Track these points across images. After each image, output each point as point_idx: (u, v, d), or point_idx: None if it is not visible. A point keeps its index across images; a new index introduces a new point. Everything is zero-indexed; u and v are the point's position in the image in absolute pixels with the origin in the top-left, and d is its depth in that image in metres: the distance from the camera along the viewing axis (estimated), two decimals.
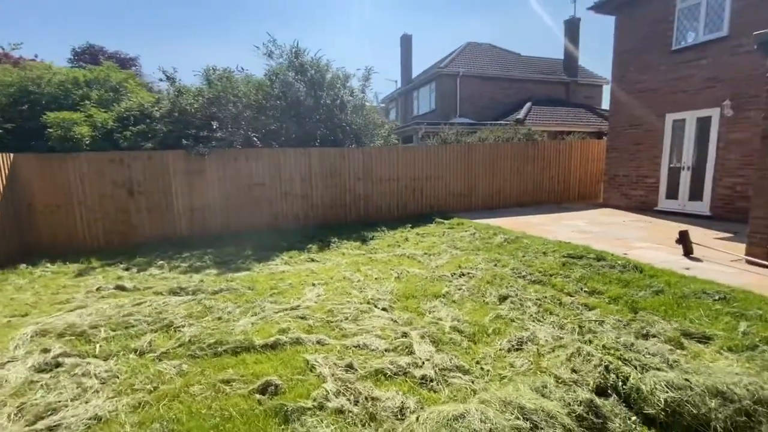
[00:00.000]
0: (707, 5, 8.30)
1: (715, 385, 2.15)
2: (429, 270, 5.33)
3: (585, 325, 3.30)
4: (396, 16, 65.58)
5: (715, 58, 8.21)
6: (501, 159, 11.09)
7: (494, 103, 18.20)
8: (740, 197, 7.94)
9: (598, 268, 4.83)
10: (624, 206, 10.49)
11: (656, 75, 9.43)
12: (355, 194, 9.61)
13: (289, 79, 8.88)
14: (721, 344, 2.95)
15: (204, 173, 8.16)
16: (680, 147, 9.04)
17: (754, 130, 7.63)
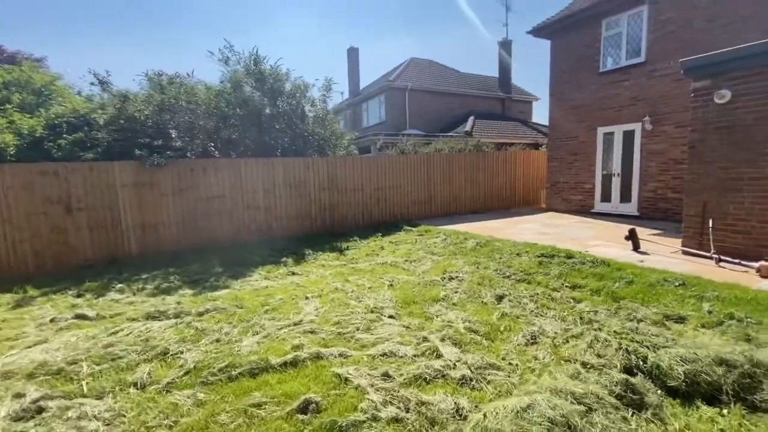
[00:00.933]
0: (627, 35, 9.68)
1: (718, 355, 2.51)
2: (417, 276, 5.42)
3: (584, 316, 3.62)
4: (333, 29, 66.14)
5: (635, 80, 9.56)
6: (456, 169, 11.67)
7: (441, 116, 19.13)
8: (661, 199, 9.27)
9: (572, 265, 5.31)
10: (565, 210, 11.62)
11: (588, 93, 10.69)
12: (320, 204, 9.43)
13: (249, 86, 8.53)
14: (695, 323, 3.43)
15: (157, 186, 7.45)
16: (611, 156, 10.31)
17: (670, 142, 9.01)
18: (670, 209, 9.08)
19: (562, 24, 10.99)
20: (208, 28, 66.36)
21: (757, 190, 5.06)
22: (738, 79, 5.14)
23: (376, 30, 61.42)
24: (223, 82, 8.78)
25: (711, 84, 5.42)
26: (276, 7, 57.41)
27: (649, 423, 2.18)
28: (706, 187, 5.58)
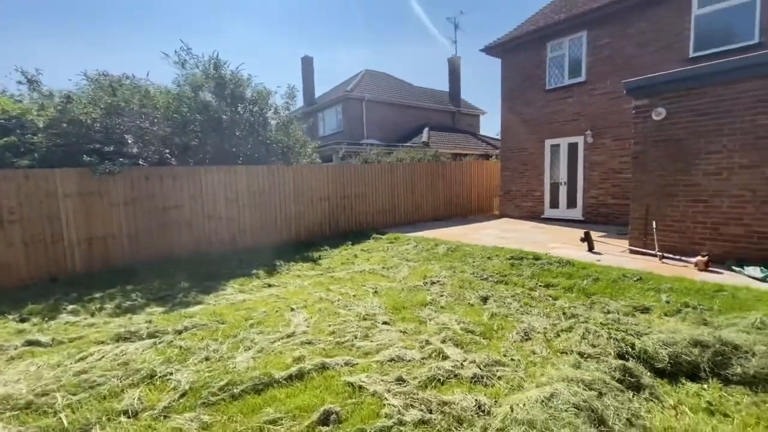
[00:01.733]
0: (569, 57, 10.71)
1: (692, 337, 2.86)
2: (398, 282, 5.48)
3: (567, 311, 3.91)
4: (281, 39, 65.03)
5: (577, 98, 10.58)
6: (418, 178, 12.00)
7: (397, 127, 19.57)
8: (602, 204, 10.27)
9: (541, 266, 5.70)
10: (517, 216, 12.41)
11: (536, 108, 11.61)
12: (286, 214, 9.16)
13: (209, 91, 8.13)
14: (659, 312, 3.86)
15: (106, 195, 6.77)
16: (558, 166, 11.25)
17: (609, 153, 10.05)
18: (610, 214, 10.09)
19: (512, 44, 11.87)
20: (152, 30, 61.96)
21: (691, 195, 5.84)
22: (671, 98, 5.93)
23: (326, 40, 61.54)
24: (181, 85, 8.26)
25: (649, 103, 6.18)
26: (222, 16, 55.31)
27: (648, 401, 2.42)
28: (648, 193, 6.32)
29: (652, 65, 8.98)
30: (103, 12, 56.37)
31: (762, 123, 5.12)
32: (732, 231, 5.48)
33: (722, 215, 5.56)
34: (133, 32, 59.32)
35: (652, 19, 8.99)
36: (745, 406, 2.35)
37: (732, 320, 3.36)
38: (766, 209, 5.15)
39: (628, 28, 9.41)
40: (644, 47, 9.17)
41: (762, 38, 7.40)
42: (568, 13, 10.43)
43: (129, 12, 52.86)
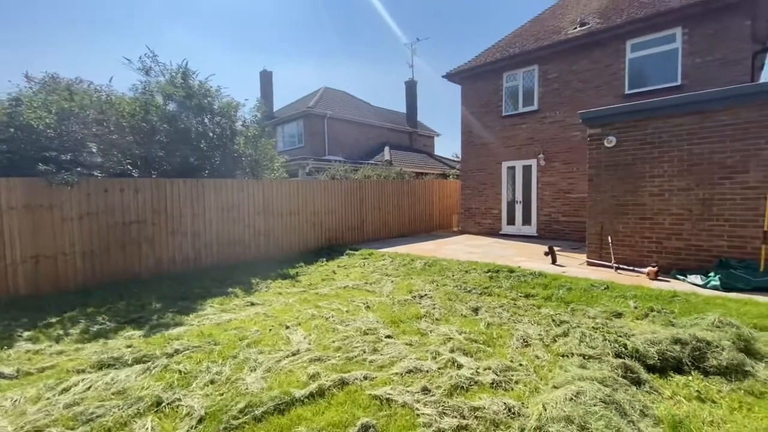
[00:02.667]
0: (523, 88, 11.75)
1: (673, 336, 3.27)
2: (386, 297, 5.53)
3: (555, 318, 4.24)
4: (235, 52, 63.35)
5: (530, 125, 11.59)
6: (385, 195, 12.23)
7: (358, 144, 19.84)
8: (554, 221, 11.21)
9: (517, 278, 6.10)
10: (477, 232, 13.07)
11: (493, 132, 12.50)
12: (255, 230, 8.84)
13: (176, 101, 7.74)
14: (631, 316, 4.33)
15: (58, 208, 6.09)
16: (514, 186, 12.12)
17: (559, 175, 11.06)
18: (561, 230, 11.04)
19: (471, 73, 12.77)
20: (98, 42, 56.95)
21: (638, 213, 6.64)
22: (620, 129, 6.78)
23: (279, 55, 61.00)
24: (145, 93, 7.77)
25: (601, 132, 7.00)
26: (165, 27, 52.68)
27: (650, 394, 2.72)
28: (602, 211, 7.07)
29: (595, 99, 10.19)
30: (36, 13, 51.08)
31: (694, 152, 6.04)
32: (674, 244, 6.31)
33: (665, 231, 6.39)
34: (71, 37, 54.30)
35: (593, 59, 10.23)
36: (727, 393, 2.74)
37: (694, 321, 3.88)
38: (701, 225, 6.02)
39: (573, 65, 10.60)
40: (587, 83, 10.37)
41: (683, 81, 8.75)
42: (522, 49, 11.51)
43: (64, 15, 48.28)
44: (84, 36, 47.53)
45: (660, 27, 9.04)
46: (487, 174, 12.78)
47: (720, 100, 5.82)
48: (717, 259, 5.87)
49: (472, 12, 49.74)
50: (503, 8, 50.68)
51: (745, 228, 5.67)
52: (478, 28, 52.27)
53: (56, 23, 48.03)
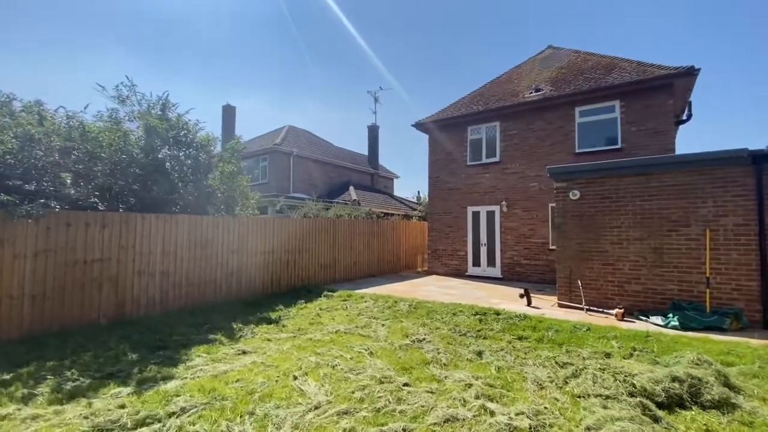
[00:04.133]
0: (486, 141, 12.85)
1: (671, 374, 3.64)
2: (384, 342, 5.47)
3: (558, 360, 4.49)
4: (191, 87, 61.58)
5: (493, 174, 12.58)
6: (357, 234, 12.29)
7: (322, 183, 19.88)
8: (517, 264, 11.95)
9: (505, 320, 6.37)
10: (444, 273, 13.46)
11: (459, 179, 13.34)
12: (227, 269, 8.35)
13: (155, 132, 7.38)
14: (618, 356, 4.72)
15: (9, 244, 5.34)
16: (479, 230, 12.84)
17: (520, 221, 11.96)
18: (524, 272, 11.78)
19: (438, 124, 13.75)
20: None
21: (602, 259, 7.40)
22: (583, 184, 7.67)
23: (234, 89, 60.43)
24: (116, 122, 7.32)
25: (567, 185, 7.86)
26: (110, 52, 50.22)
27: (669, 430, 2.99)
28: (570, 257, 7.76)
29: (550, 154, 11.44)
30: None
31: (645, 207, 7.00)
32: (633, 288, 7.07)
33: (625, 276, 7.15)
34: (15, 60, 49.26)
35: (547, 120, 11.60)
36: (726, 424, 3.09)
37: (675, 360, 4.34)
38: (655, 271, 6.86)
39: (531, 124, 11.91)
40: (543, 140, 11.66)
41: (623, 144, 10.21)
42: (485, 107, 12.74)
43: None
44: (24, 56, 43.41)
45: (602, 99, 10.61)
46: (453, 217, 13.44)
47: (662, 165, 6.91)
48: (670, 301, 6.66)
49: (430, 67, 54.11)
50: (454, 67, 55.70)
51: (691, 274, 6.57)
52: (431, 83, 56.70)
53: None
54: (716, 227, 6.40)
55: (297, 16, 42.58)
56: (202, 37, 47.09)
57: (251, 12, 43.55)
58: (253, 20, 46.65)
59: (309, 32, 46.51)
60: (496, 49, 49.00)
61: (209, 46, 50.53)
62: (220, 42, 49.17)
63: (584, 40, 49.10)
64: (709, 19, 39.91)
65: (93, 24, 39.67)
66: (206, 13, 43.58)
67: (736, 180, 6.29)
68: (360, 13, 40.79)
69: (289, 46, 50.39)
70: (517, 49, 46.04)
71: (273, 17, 46.31)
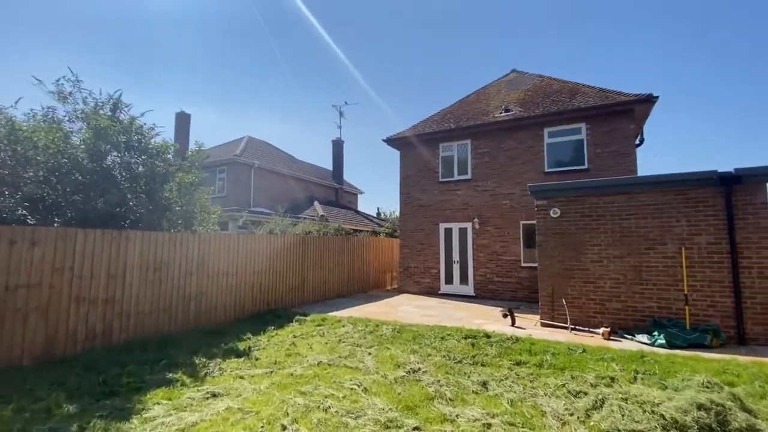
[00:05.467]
0: (458, 158, 12.89)
1: (695, 402, 3.46)
2: (376, 374, 4.91)
3: (571, 389, 4.20)
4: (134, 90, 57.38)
5: (465, 191, 12.59)
6: (326, 252, 11.61)
7: (284, 197, 18.92)
8: (490, 282, 11.88)
9: (498, 344, 6.06)
10: (416, 291, 13.10)
11: (431, 196, 13.21)
12: (185, 293, 7.34)
13: (103, 136, 6.39)
14: (623, 380, 4.54)
15: None
16: (451, 247, 12.70)
17: (492, 239, 11.97)
18: (496, 290, 11.73)
19: (410, 140, 13.62)
20: None
21: (583, 277, 7.41)
22: (563, 202, 7.73)
23: (185, 96, 57.33)
24: (54, 121, 6.26)
25: (547, 203, 7.88)
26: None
27: None
28: (551, 275, 7.71)
29: (521, 173, 11.65)
30: None
31: (624, 225, 7.14)
32: (614, 306, 7.12)
33: (606, 293, 7.20)
34: None
35: (517, 139, 11.87)
36: None
37: (682, 382, 4.23)
38: (635, 289, 6.95)
39: (501, 143, 12.12)
40: (514, 159, 11.88)
41: (589, 165, 10.62)
42: (457, 124, 12.82)
43: None
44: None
45: (569, 121, 11.05)
46: (425, 234, 13.21)
47: (639, 185, 7.13)
48: (650, 318, 6.76)
49: (395, 84, 54.99)
50: (414, 85, 57.15)
51: (669, 291, 6.72)
52: (392, 100, 57.65)
53: None
54: (691, 245, 6.63)
55: (251, 23, 41.67)
56: (143, 38, 44.32)
57: (199, 15, 41.91)
58: (203, 24, 44.96)
59: (266, 41, 45.57)
60: (457, 72, 51.05)
61: (158, 51, 47.72)
62: (168, 46, 46.69)
63: (544, 66, 52.72)
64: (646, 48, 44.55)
65: (38, 24, 35.87)
66: (154, 15, 41.25)
67: (707, 200, 6.59)
68: (329, 24, 40.76)
69: (246, 54, 48.97)
70: (477, 72, 48.33)
71: (226, 23, 44.95)
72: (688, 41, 37.81)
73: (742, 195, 6.35)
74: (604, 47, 42.54)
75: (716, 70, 41.17)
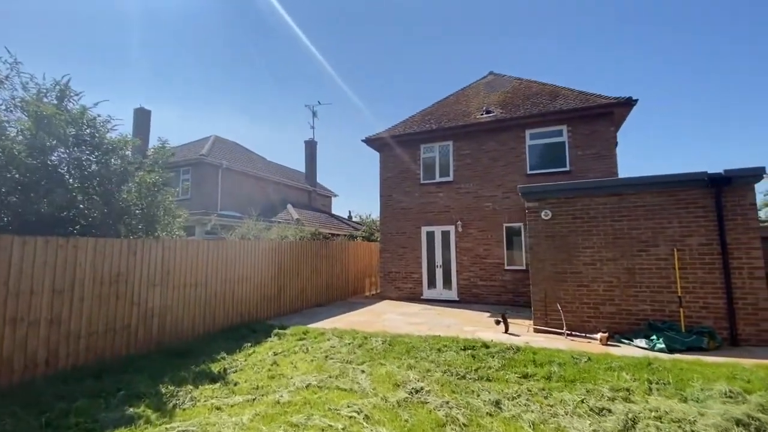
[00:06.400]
0: (439, 159, 12.59)
1: (732, 417, 3.20)
2: (375, 397, 4.36)
3: (593, 406, 3.86)
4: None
5: (447, 194, 12.30)
6: (304, 257, 10.91)
7: (255, 200, 17.88)
8: (473, 286, 11.63)
9: (499, 355, 5.69)
10: (396, 297, 12.64)
11: (413, 199, 12.82)
12: (146, 308, 6.46)
13: (49, 125, 5.46)
14: (640, 392, 4.28)
15: None
16: (434, 250, 12.35)
17: (475, 242, 11.74)
18: (481, 294, 11.49)
19: (390, 141, 13.19)
20: None
21: (576, 281, 7.24)
22: (554, 204, 7.54)
23: (144, 93, 54.05)
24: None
25: (539, 205, 7.68)
26: None
27: None
28: (544, 279, 7.49)
29: (503, 175, 11.52)
30: None
31: (617, 227, 7.04)
32: (608, 309, 6.97)
33: (600, 297, 7.05)
34: None
35: (500, 141, 11.73)
36: None
37: (702, 393, 4.02)
38: (629, 292, 6.85)
39: (483, 145, 11.95)
40: (496, 161, 11.73)
41: (571, 167, 10.63)
42: (439, 125, 12.54)
43: None
44: None
45: (551, 123, 11.03)
46: (407, 238, 12.80)
47: (631, 186, 7.05)
48: (644, 321, 6.66)
49: (371, 84, 54.44)
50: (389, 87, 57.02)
51: (662, 293, 6.65)
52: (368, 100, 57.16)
53: None
54: (683, 247, 6.60)
55: (214, 16, 39.95)
56: (102, 32, 41.39)
57: (162, 10, 39.70)
58: (154, 17, 42.66)
59: (235, 38, 43.83)
60: (434, 74, 51.44)
61: (116, 43, 44.66)
62: (127, 41, 43.84)
63: (519, 70, 54.11)
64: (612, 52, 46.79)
65: None
66: (113, 9, 38.57)
67: (697, 201, 6.59)
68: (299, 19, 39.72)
69: (211, 51, 46.89)
70: (453, 75, 48.90)
71: (186, 16, 42.89)
72: (652, 46, 40.16)
73: (732, 196, 6.38)
74: (578, 51, 44.36)
75: (674, 73, 44.02)
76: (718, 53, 37.37)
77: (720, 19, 33.71)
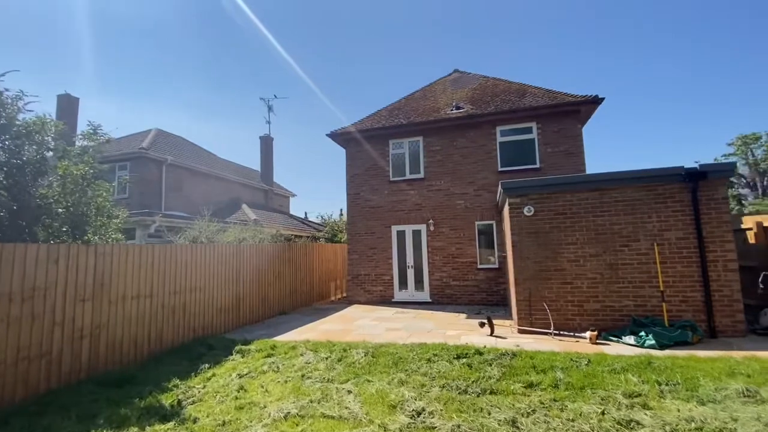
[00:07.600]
0: (409, 156, 12.11)
1: (764, 420, 2.94)
2: (370, 425, 3.70)
3: (612, 416, 3.48)
4: None
5: (418, 191, 11.85)
6: (265, 262, 9.88)
7: (204, 200, 16.22)
8: (446, 286, 11.27)
9: (496, 362, 5.23)
10: (366, 301, 11.96)
11: (381, 196, 12.22)
12: (73, 328, 5.24)
13: None
14: (654, 396, 4.00)
15: None
16: (404, 250, 11.84)
17: (448, 240, 11.39)
18: (454, 294, 11.15)
19: (356, 136, 12.49)
20: None
21: (560, 278, 7.04)
22: (537, 199, 7.31)
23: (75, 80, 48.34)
24: None
25: (521, 201, 7.41)
26: None
27: None
28: (528, 277, 7.23)
29: (474, 172, 11.30)
30: None
31: (599, 222, 6.93)
32: (592, 306, 6.84)
33: (584, 294, 6.90)
34: None
35: (470, 138, 11.50)
36: None
37: (718, 393, 3.82)
38: (612, 288, 6.75)
39: (454, 141, 11.65)
40: (467, 158, 11.48)
41: (541, 164, 10.62)
42: (408, 120, 12.06)
43: None
44: None
45: (521, 120, 10.98)
46: (376, 238, 12.16)
47: (611, 180, 6.99)
48: (627, 317, 6.59)
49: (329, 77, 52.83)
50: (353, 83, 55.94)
51: (644, 288, 6.63)
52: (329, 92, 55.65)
53: None
54: (662, 241, 6.62)
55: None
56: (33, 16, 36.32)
57: None
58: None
59: (179, 29, 40.52)
60: (394, 70, 51.20)
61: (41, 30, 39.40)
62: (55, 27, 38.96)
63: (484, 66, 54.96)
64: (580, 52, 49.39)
65: None
66: None
67: (674, 195, 6.65)
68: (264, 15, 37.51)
69: (153, 42, 43.00)
70: (416, 71, 48.95)
71: None
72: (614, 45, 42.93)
73: (707, 190, 6.49)
74: (541, 51, 46.31)
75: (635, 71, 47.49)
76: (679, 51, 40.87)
77: (681, 16, 36.82)
